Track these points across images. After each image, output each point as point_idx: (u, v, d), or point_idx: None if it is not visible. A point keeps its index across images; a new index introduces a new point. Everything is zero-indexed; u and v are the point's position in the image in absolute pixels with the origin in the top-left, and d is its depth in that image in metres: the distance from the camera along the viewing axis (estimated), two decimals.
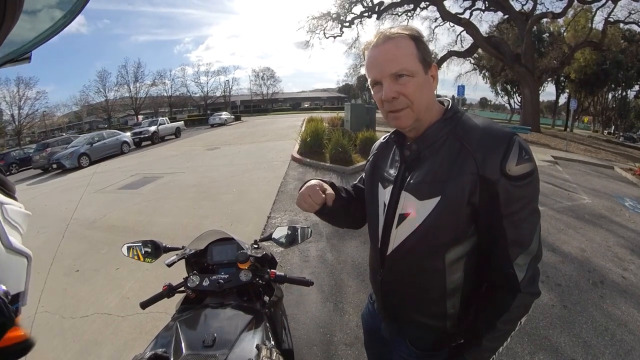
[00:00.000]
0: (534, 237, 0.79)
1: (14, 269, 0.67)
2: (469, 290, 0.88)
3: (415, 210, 0.82)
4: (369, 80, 0.86)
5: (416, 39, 0.81)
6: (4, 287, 0.55)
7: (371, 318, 1.16)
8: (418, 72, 0.80)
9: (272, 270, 1.26)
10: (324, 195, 1.00)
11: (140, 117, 40.62)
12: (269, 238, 1.37)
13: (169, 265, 1.27)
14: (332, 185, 1.08)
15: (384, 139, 1.07)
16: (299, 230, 1.36)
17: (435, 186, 0.80)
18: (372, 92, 0.86)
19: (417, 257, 0.86)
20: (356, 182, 1.20)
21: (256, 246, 1.32)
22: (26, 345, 0.53)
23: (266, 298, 1.28)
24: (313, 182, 1.03)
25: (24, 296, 0.70)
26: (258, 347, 0.88)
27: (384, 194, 0.93)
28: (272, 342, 1.00)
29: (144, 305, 1.18)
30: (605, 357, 2.22)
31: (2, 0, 0.39)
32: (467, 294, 0.88)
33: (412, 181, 0.85)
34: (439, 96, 0.94)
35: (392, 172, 0.93)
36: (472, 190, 0.76)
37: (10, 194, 0.74)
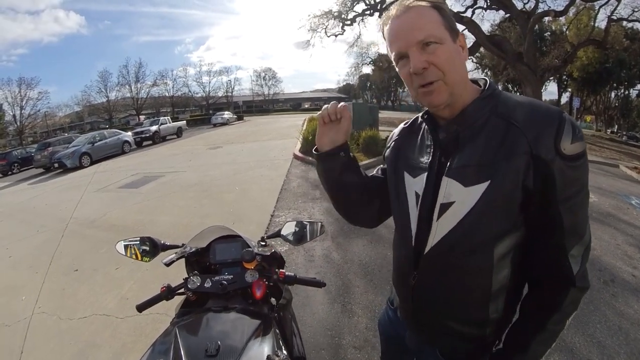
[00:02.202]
0: (587, 225, 0.72)
1: None
2: (513, 291, 0.79)
3: (461, 199, 0.73)
4: (392, 55, 0.77)
5: (439, 7, 0.73)
6: None
7: (391, 326, 1.05)
8: (447, 39, 0.72)
9: (281, 270, 1.16)
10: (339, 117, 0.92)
11: (142, 117, 40.65)
12: (277, 235, 1.27)
13: (167, 265, 1.17)
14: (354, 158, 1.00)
15: (405, 124, 0.97)
16: (307, 227, 1.27)
17: (482, 170, 0.70)
18: (397, 69, 0.77)
19: (463, 253, 0.75)
20: (373, 173, 1.06)
21: (263, 243, 1.21)
22: None
23: (273, 300, 1.18)
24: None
25: None
26: (270, 358, 0.79)
27: (416, 184, 0.83)
28: (285, 352, 0.90)
29: (141, 308, 1.09)
30: (620, 357, 2.16)
31: None
32: (511, 295, 0.79)
33: (453, 166, 0.75)
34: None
35: (424, 159, 0.82)
36: (526, 172, 0.67)
37: None
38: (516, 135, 0.68)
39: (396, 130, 1.00)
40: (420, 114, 0.89)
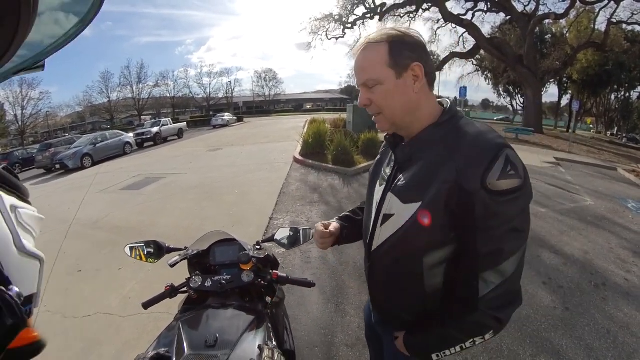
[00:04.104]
0: (510, 259, 0.74)
1: (27, 272, 0.68)
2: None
3: (398, 213, 0.83)
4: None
5: (393, 41, 0.80)
6: (17, 289, 0.56)
7: (369, 312, 1.20)
8: (386, 79, 0.80)
9: (275, 271, 1.27)
10: (329, 230, 1.12)
11: (149, 117, 40.73)
12: (271, 239, 1.37)
13: (172, 266, 1.28)
14: (346, 217, 1.21)
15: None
16: (301, 232, 1.36)
17: (418, 191, 0.79)
18: None
19: (396, 258, 0.87)
20: None
21: (258, 247, 1.33)
22: (38, 346, 0.54)
23: (268, 299, 1.28)
24: (317, 226, 1.15)
25: (37, 298, 0.71)
26: (260, 348, 0.88)
27: (378, 192, 0.95)
28: (274, 343, 1.00)
29: (146, 305, 1.19)
30: None
31: (17, 8, 0.39)
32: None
33: (399, 183, 0.85)
34: (440, 97, 0.92)
35: (388, 171, 0.95)
36: (450, 198, 0.74)
37: (24, 198, 0.75)
38: (450, 164, 0.75)
39: (383, 144, 1.10)
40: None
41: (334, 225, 1.15)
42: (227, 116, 32.35)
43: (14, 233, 0.65)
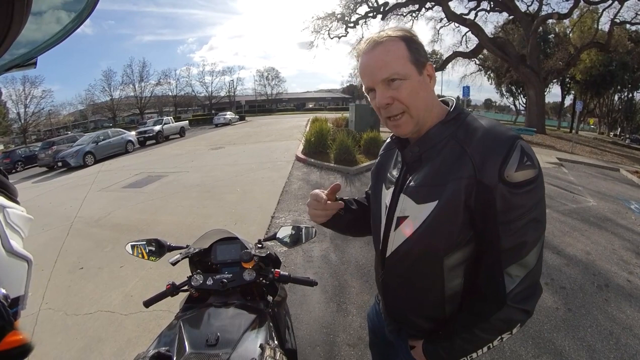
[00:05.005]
0: (532, 250, 0.73)
1: (14, 273, 0.67)
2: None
3: (413, 214, 0.80)
4: (363, 87, 0.84)
5: (407, 39, 0.78)
6: (3, 291, 0.55)
7: (376, 318, 1.16)
8: (411, 75, 0.77)
9: (276, 269, 1.26)
10: (325, 198, 0.98)
11: (155, 115, 40.80)
12: (273, 238, 1.36)
13: (173, 264, 1.27)
14: (341, 199, 1.09)
15: (388, 140, 1.05)
16: (303, 230, 1.36)
17: (433, 190, 0.77)
18: (369, 99, 0.84)
19: (414, 262, 0.84)
20: (368, 189, 1.16)
21: (260, 246, 1.32)
22: (25, 349, 0.53)
23: (270, 298, 1.27)
24: (314, 192, 1.01)
25: (24, 300, 0.70)
26: (262, 347, 0.87)
27: (387, 196, 0.91)
28: (276, 342, 0.99)
29: (148, 303, 1.18)
30: None
31: (10, 3, 0.39)
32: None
33: (411, 184, 0.82)
34: (443, 96, 0.91)
35: (395, 173, 0.91)
36: (469, 194, 0.72)
37: (12, 197, 0.73)
38: (465, 159, 0.73)
39: (384, 144, 1.08)
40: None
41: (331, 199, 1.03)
42: (229, 115, 32.38)
43: (1, 233, 0.63)
